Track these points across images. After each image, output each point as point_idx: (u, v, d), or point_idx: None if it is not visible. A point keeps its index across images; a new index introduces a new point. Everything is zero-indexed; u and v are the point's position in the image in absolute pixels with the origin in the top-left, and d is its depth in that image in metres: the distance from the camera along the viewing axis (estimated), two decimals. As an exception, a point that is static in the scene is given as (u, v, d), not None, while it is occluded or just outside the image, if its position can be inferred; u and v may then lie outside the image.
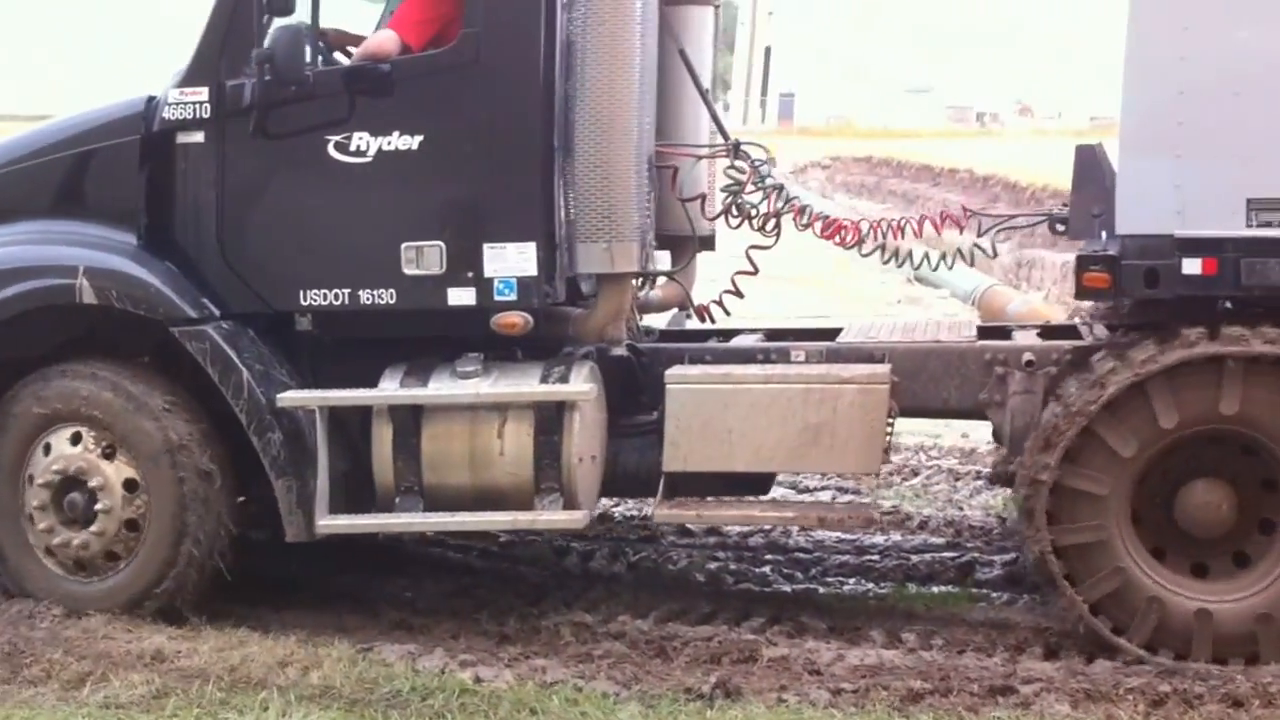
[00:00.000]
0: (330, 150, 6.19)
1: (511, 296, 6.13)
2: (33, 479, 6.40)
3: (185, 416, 6.34)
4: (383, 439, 6.20)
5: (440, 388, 6.18)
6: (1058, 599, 5.97)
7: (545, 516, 6.13)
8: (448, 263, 6.13)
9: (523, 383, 6.17)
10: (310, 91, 6.13)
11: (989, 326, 6.85)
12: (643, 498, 6.38)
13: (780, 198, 6.72)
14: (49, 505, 6.38)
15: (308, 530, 6.22)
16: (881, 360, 6.28)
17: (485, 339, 6.24)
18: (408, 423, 6.17)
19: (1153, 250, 5.80)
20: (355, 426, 6.32)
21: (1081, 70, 63.76)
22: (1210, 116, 5.75)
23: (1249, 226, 5.74)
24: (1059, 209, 6.83)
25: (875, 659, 5.81)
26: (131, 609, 6.29)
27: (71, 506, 6.36)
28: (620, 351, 6.46)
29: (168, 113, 6.34)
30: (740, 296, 7.21)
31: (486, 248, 6.12)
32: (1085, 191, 6.34)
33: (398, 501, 6.19)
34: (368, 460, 6.25)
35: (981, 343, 6.38)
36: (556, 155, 6.16)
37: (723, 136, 6.88)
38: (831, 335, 6.82)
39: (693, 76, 6.82)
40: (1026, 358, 6.15)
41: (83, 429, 6.37)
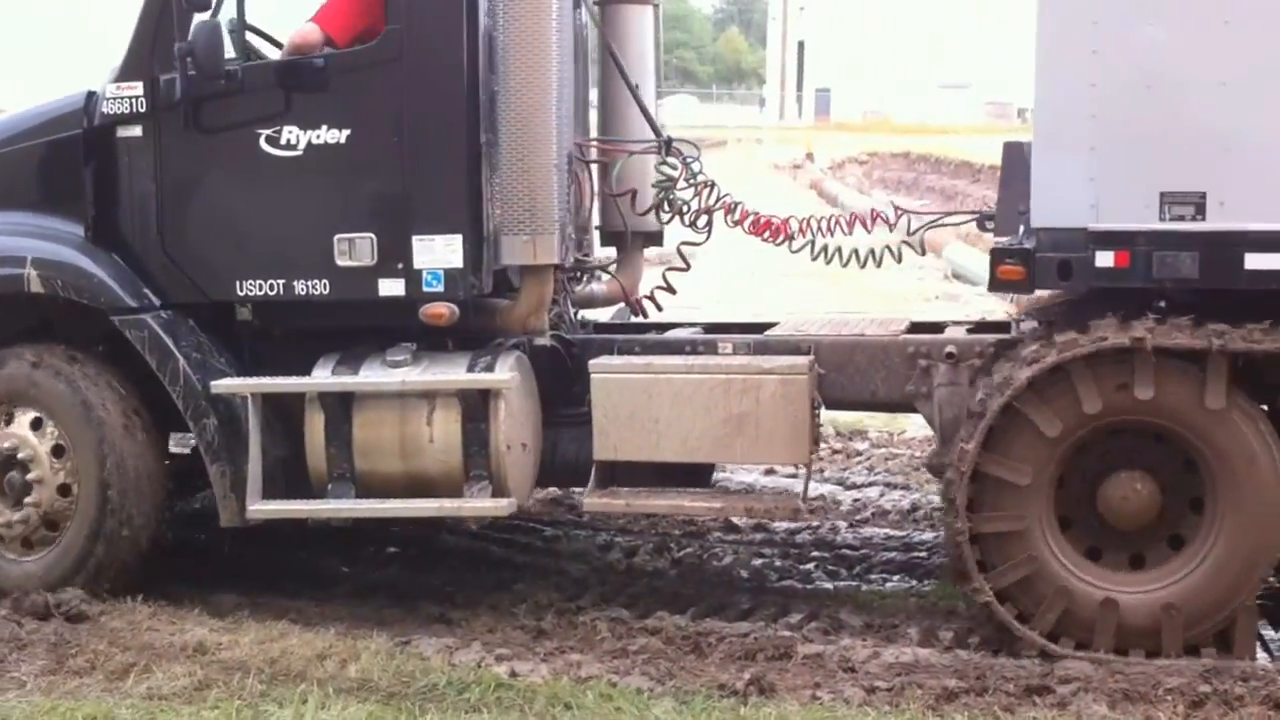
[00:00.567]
0: (262, 144, 6.36)
1: (439, 288, 6.27)
2: None
3: (116, 395, 6.56)
4: (315, 426, 6.37)
5: (369, 376, 6.34)
6: (965, 586, 5.98)
7: (471, 504, 6.28)
8: (378, 254, 6.29)
9: (449, 371, 6.32)
10: (240, 86, 6.32)
11: (924, 323, 6.91)
12: (583, 488, 6.53)
13: (711, 194, 6.86)
14: None
15: (240, 515, 6.39)
16: (807, 353, 6.35)
17: (420, 329, 6.39)
18: (339, 410, 6.33)
19: (1066, 243, 5.83)
20: (296, 415, 6.46)
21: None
22: (1122, 110, 5.76)
23: (1161, 220, 5.75)
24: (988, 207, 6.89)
25: (911, 657, 5.80)
26: (64, 584, 6.45)
27: (10, 485, 6.60)
28: (545, 342, 6.60)
29: (106, 107, 6.53)
30: (672, 293, 7.39)
31: (415, 240, 6.26)
32: (1012, 188, 6.38)
33: (330, 488, 6.36)
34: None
35: (905, 336, 6.46)
36: (483, 150, 6.28)
37: (654, 133, 7.02)
38: (767, 330, 6.90)
39: (621, 74, 7.01)
40: (948, 350, 6.21)
41: (14, 410, 6.62)
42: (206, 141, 6.43)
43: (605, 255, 7.38)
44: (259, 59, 6.75)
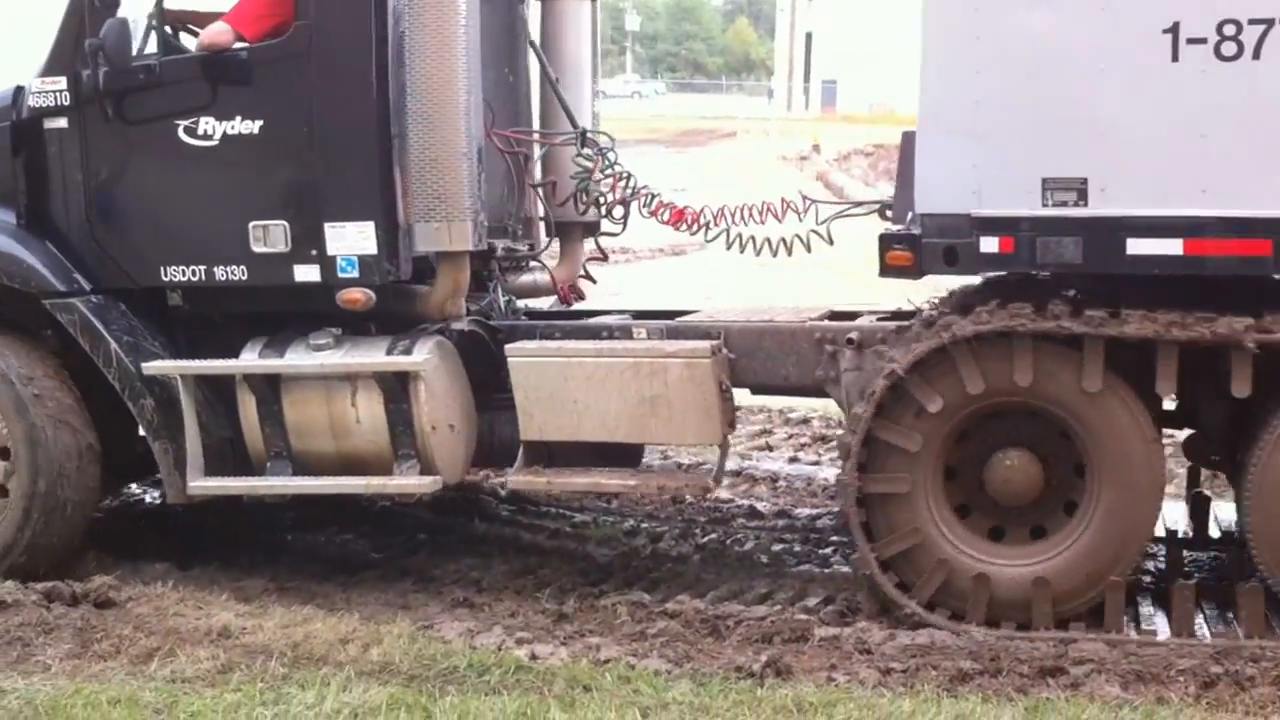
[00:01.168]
0: (180, 134, 6.58)
1: (354, 274, 6.47)
2: None
3: (52, 380, 6.75)
4: (248, 407, 6.62)
5: (293, 359, 6.53)
6: (855, 554, 6.15)
7: (397, 482, 6.51)
8: (292, 241, 6.49)
9: (369, 355, 6.51)
10: (159, 79, 6.56)
11: (842, 311, 7.01)
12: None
13: (627, 185, 7.07)
14: None
15: (183, 492, 6.58)
16: (717, 338, 6.48)
17: (347, 315, 6.57)
18: (268, 392, 6.57)
19: (951, 229, 5.91)
20: (235, 396, 6.66)
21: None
22: (1005, 96, 5.81)
23: (1044, 206, 5.80)
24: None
25: (926, 639, 5.84)
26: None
27: None
28: (463, 326, 6.76)
29: (33, 100, 6.76)
30: (593, 281, 7.68)
31: (328, 227, 6.45)
32: (908, 176, 6.41)
33: (269, 466, 6.61)
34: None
35: (812, 323, 6.56)
36: (394, 141, 6.42)
37: (571, 124, 7.27)
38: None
39: (542, 67, 7.33)
40: (849, 336, 6.31)
41: None
42: (128, 133, 6.67)
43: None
44: (180, 52, 6.95)
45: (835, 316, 6.81)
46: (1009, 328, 5.80)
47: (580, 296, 7.74)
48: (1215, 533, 7.09)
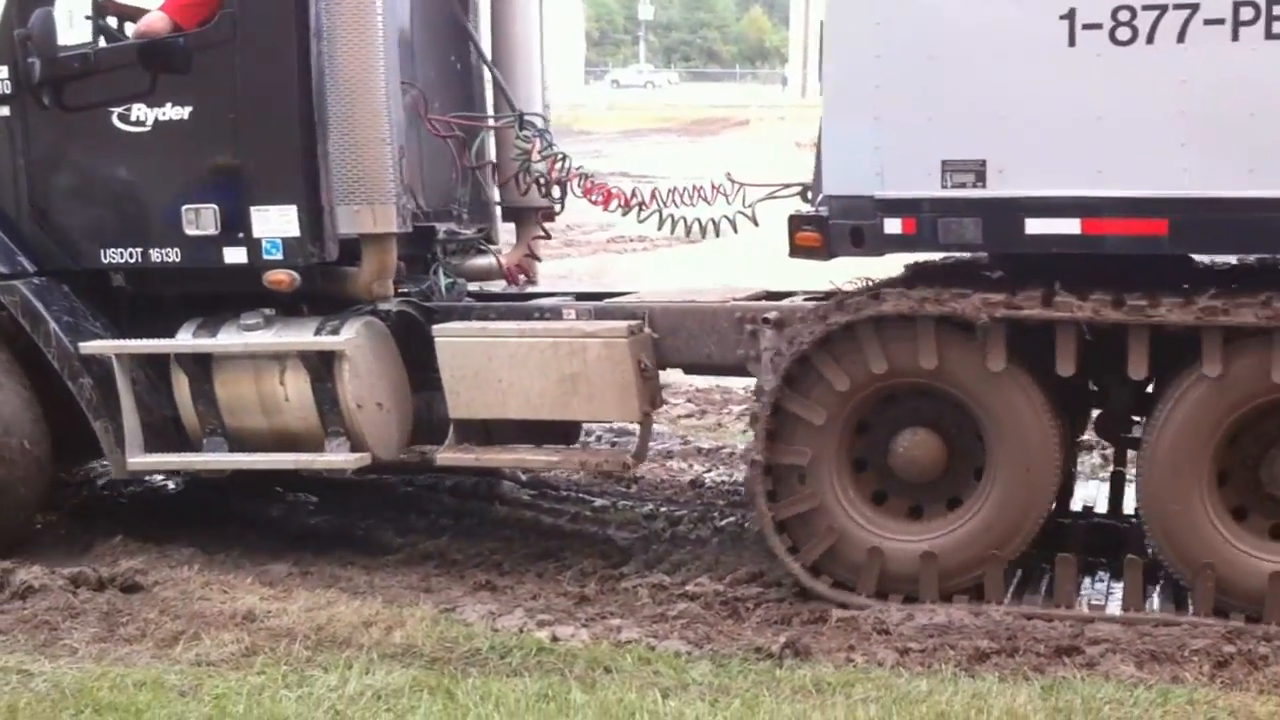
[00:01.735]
0: (115, 121, 6.79)
1: (278, 256, 6.68)
2: None
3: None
4: (181, 386, 6.86)
5: (223, 339, 6.71)
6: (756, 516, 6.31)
7: (326, 458, 6.74)
8: (222, 224, 6.70)
9: (296, 335, 6.69)
10: (94, 67, 6.79)
11: (776, 291, 7.12)
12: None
13: (563, 166, 7.32)
14: None
15: (124, 468, 6.78)
16: (642, 319, 6.64)
17: (286, 296, 6.81)
18: (200, 371, 6.79)
19: (856, 210, 6.03)
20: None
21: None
22: (905, 80, 5.90)
23: (944, 187, 5.89)
24: None
25: (944, 619, 5.87)
26: None
27: None
28: (390, 307, 6.91)
29: None
30: (538, 260, 7.89)
31: (254, 211, 6.67)
32: None
33: (205, 442, 6.84)
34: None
35: (733, 303, 6.67)
36: (317, 126, 6.57)
37: (509, 108, 7.52)
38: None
39: (478, 52, 7.62)
40: (766, 316, 6.39)
41: None
42: (67, 119, 6.88)
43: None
44: (119, 39, 7.13)
45: (770, 298, 6.93)
46: (913, 310, 5.92)
47: (531, 279, 7.94)
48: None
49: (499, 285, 7.92)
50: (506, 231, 8.14)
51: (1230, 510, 5.92)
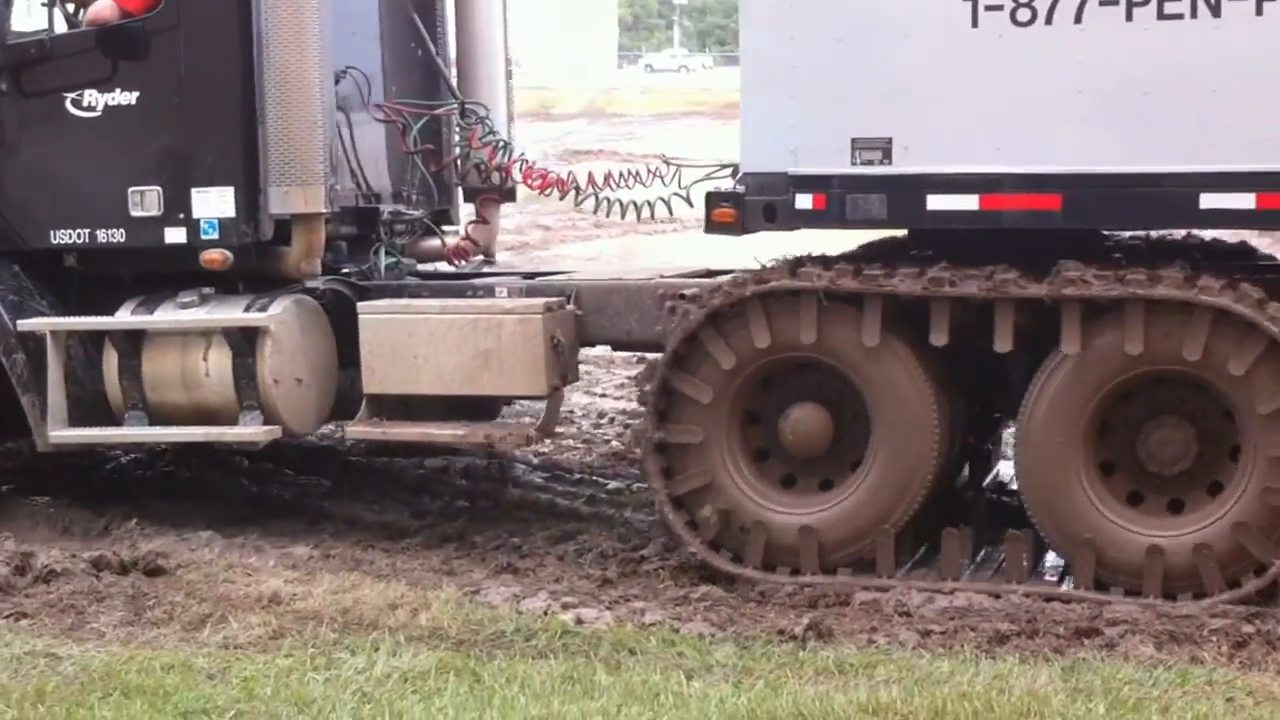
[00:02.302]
0: (67, 106, 7.03)
1: (215, 235, 6.92)
2: None
3: None
4: (109, 362, 7.04)
5: (159, 316, 6.98)
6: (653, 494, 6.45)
7: (236, 431, 6.93)
8: (165, 205, 6.93)
9: (225, 312, 6.90)
10: (48, 54, 7.04)
11: (717, 270, 7.17)
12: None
13: (503, 153, 7.60)
14: None
15: (48, 441, 7.01)
16: (569, 296, 6.81)
17: (228, 276, 7.00)
18: (129, 347, 6.98)
19: (770, 187, 6.18)
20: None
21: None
22: (817, 60, 6.07)
23: (853, 164, 6.04)
24: None
25: (964, 601, 5.92)
26: None
27: None
28: (318, 285, 7.11)
29: None
30: (476, 245, 8.15)
31: (194, 192, 6.92)
32: None
33: (126, 417, 7.01)
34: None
35: (656, 280, 6.80)
36: (256, 109, 6.83)
37: (453, 96, 7.79)
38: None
39: (425, 43, 7.86)
40: (683, 293, 6.47)
41: None
42: (21, 105, 7.10)
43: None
44: (76, 26, 7.32)
45: (712, 276, 7.00)
46: (794, 286, 6.05)
47: (489, 258, 8.19)
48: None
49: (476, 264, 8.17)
50: (468, 212, 8.37)
51: (1108, 485, 6.01)
